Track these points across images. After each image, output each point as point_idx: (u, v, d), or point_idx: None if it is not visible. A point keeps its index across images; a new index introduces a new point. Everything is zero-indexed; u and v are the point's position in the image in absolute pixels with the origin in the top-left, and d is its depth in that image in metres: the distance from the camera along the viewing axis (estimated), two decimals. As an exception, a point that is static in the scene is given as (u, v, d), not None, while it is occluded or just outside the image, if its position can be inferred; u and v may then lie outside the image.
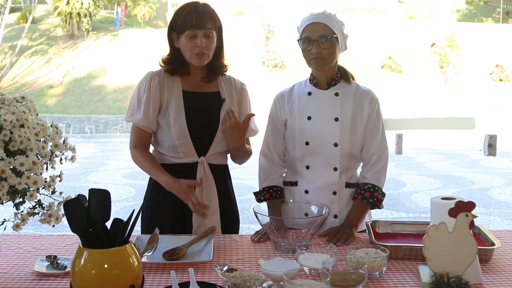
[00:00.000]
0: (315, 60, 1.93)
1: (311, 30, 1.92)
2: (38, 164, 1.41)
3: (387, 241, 1.76)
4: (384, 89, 19.37)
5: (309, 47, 1.92)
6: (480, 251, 1.52)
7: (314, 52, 1.91)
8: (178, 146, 1.97)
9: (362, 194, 1.96)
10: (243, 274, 1.38)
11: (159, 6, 28.38)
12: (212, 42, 1.95)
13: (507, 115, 19.10)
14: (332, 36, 1.91)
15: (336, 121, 1.97)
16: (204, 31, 1.91)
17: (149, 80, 2.00)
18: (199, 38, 1.91)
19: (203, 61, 1.95)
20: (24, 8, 25.23)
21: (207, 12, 1.93)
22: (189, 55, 1.95)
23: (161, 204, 2.03)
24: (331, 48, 1.92)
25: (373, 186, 1.97)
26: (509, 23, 30.66)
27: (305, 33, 1.93)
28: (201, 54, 1.93)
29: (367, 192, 1.96)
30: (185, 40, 1.93)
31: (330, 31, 1.91)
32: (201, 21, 1.90)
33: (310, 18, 1.95)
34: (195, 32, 1.91)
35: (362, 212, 1.96)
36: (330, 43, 1.91)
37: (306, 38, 1.92)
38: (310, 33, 1.92)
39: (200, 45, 1.91)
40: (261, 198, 2.04)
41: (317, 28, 1.91)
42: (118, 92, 18.42)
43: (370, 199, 1.95)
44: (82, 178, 8.68)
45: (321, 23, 1.91)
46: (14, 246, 1.78)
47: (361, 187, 1.99)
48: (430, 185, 8.21)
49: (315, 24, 1.91)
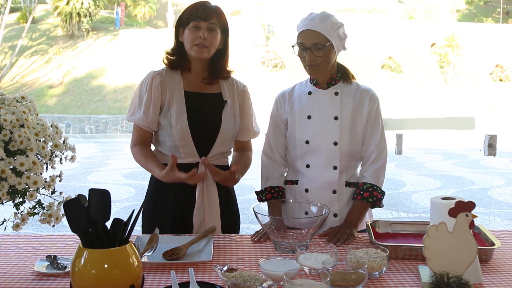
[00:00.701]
0: (309, 67, 1.94)
1: (305, 37, 1.92)
2: (38, 164, 1.41)
3: (387, 241, 1.76)
4: (384, 89, 19.37)
5: (304, 54, 1.92)
6: (480, 251, 1.52)
7: (307, 60, 1.91)
8: (180, 147, 1.97)
9: (361, 195, 1.96)
10: (243, 274, 1.38)
11: (159, 6, 28.38)
12: (215, 37, 1.96)
13: (507, 115, 19.10)
14: (325, 44, 1.90)
15: (336, 120, 1.97)
16: (208, 25, 1.93)
17: (150, 80, 2.00)
18: (202, 30, 1.92)
19: (202, 53, 1.95)
20: (24, 8, 25.23)
21: (214, 8, 1.97)
22: (190, 46, 1.95)
23: (162, 204, 2.03)
24: (325, 56, 1.91)
25: (372, 186, 1.97)
26: (509, 23, 30.67)
27: (299, 39, 1.94)
28: (202, 46, 1.93)
29: (366, 192, 1.96)
30: (188, 31, 1.95)
31: (323, 39, 1.89)
32: (207, 13, 1.93)
33: (304, 24, 1.93)
34: (199, 24, 1.92)
35: (361, 212, 1.96)
36: (323, 52, 1.90)
37: (301, 45, 1.93)
38: (304, 40, 1.92)
39: (202, 36, 1.92)
40: (262, 198, 2.04)
41: (311, 36, 1.90)
42: (118, 92, 18.42)
43: (369, 199, 1.95)
44: (82, 178, 8.68)
45: (314, 31, 1.90)
46: (14, 246, 1.77)
47: (360, 187, 1.99)
48: (430, 185, 8.21)
49: (308, 32, 1.91)
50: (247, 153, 2.15)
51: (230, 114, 2.03)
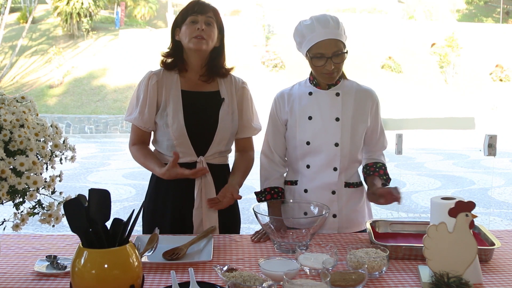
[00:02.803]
0: (328, 75, 1.91)
1: (324, 47, 1.87)
2: (38, 164, 1.41)
3: (387, 241, 1.76)
4: (384, 89, 19.38)
5: (322, 63, 1.88)
6: (480, 251, 1.52)
7: (327, 69, 1.89)
8: (177, 146, 1.97)
9: (378, 172, 2.06)
10: (243, 274, 1.38)
11: (159, 6, 28.39)
12: (213, 31, 1.97)
13: (507, 115, 19.10)
14: (344, 51, 1.89)
15: (337, 121, 1.97)
16: (206, 18, 1.95)
17: (147, 80, 2.01)
18: (199, 23, 1.94)
19: (201, 45, 1.95)
20: (24, 8, 25.23)
21: (210, 5, 2.00)
22: (188, 39, 1.95)
23: (162, 204, 2.03)
24: (343, 61, 1.92)
25: (383, 165, 2.09)
26: (509, 23, 30.67)
27: (317, 49, 1.88)
28: (200, 38, 1.94)
29: (381, 170, 2.06)
30: (185, 27, 1.97)
31: (342, 46, 1.89)
32: (203, 8, 1.97)
33: (320, 33, 1.87)
34: (196, 18, 1.95)
35: (379, 183, 2.04)
36: (342, 57, 1.90)
37: (319, 55, 1.88)
38: (324, 50, 1.87)
39: (200, 28, 1.93)
40: (262, 199, 2.04)
41: (331, 45, 1.86)
42: (118, 92, 18.42)
43: (383, 176, 2.06)
44: (82, 178, 8.68)
45: (334, 40, 1.87)
46: (14, 246, 1.78)
47: (373, 165, 2.08)
48: (430, 185, 8.21)
49: (329, 41, 1.86)
50: (248, 154, 2.13)
51: (228, 112, 2.03)
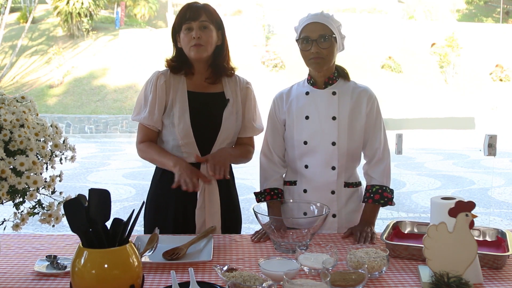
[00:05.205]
0: (314, 60, 1.93)
1: (310, 30, 1.92)
2: (38, 164, 1.41)
3: (409, 242, 1.74)
4: (384, 89, 19.37)
5: (308, 47, 1.92)
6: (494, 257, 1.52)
7: (314, 52, 1.91)
8: (182, 146, 1.98)
9: (372, 198, 1.97)
10: (243, 274, 1.38)
11: (159, 6, 28.38)
12: (209, 35, 1.97)
13: (507, 115, 19.09)
14: (331, 36, 1.92)
15: (334, 120, 1.97)
16: (199, 23, 1.94)
17: (155, 80, 2.02)
18: (194, 30, 1.94)
19: (200, 53, 1.96)
20: (24, 8, 25.23)
21: (202, 6, 1.98)
22: (188, 49, 1.97)
23: (164, 204, 2.04)
24: (330, 48, 1.92)
25: (381, 187, 1.99)
26: (509, 23, 30.66)
27: (304, 33, 1.94)
28: (198, 45, 1.94)
29: (376, 195, 1.98)
30: (183, 35, 1.97)
31: (329, 31, 1.92)
32: (195, 13, 1.95)
33: (308, 18, 1.95)
34: (190, 25, 1.94)
35: (375, 212, 1.99)
36: (329, 43, 1.92)
37: (305, 38, 1.93)
38: (310, 32, 1.92)
39: (195, 36, 1.93)
40: (261, 199, 2.04)
41: (317, 28, 1.91)
42: (118, 92, 18.41)
43: (380, 200, 1.97)
44: (82, 178, 8.68)
45: (320, 23, 1.92)
46: (14, 246, 1.78)
47: (369, 189, 2.00)
48: (430, 185, 8.21)
49: (314, 24, 1.92)
50: (247, 146, 2.14)
51: (232, 112, 2.03)
